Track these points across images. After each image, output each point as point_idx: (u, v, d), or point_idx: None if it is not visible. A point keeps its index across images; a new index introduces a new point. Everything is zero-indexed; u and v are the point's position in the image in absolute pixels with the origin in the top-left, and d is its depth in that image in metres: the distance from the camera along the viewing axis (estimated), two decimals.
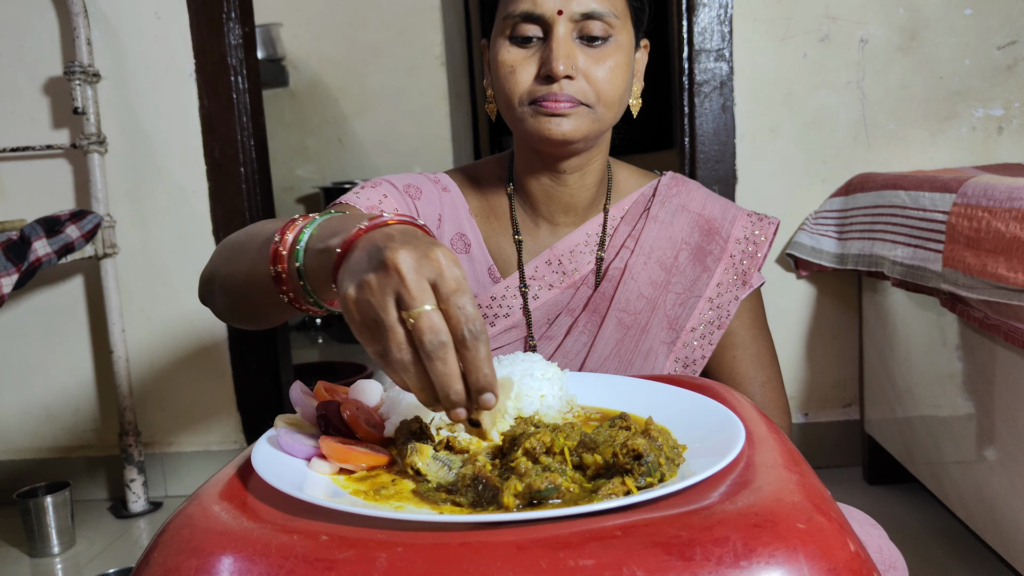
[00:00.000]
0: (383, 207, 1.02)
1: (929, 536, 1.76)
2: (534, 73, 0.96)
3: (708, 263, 1.11)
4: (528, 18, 0.96)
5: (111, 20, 2.13)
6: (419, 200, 1.08)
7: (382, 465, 0.67)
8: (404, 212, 1.00)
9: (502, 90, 0.99)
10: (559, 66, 0.93)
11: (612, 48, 0.97)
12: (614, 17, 0.97)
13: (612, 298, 1.09)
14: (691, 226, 1.12)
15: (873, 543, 0.86)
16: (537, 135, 0.98)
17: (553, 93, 0.95)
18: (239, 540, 0.54)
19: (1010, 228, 1.24)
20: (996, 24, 1.96)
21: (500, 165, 1.16)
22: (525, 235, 1.12)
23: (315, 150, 4.04)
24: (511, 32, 0.97)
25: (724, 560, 0.49)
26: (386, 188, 1.05)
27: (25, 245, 1.82)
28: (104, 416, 2.29)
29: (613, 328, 1.09)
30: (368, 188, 1.05)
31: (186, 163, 2.17)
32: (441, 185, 1.12)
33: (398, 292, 0.59)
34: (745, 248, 1.12)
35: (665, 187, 1.14)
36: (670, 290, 1.10)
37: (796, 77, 2.01)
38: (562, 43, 0.94)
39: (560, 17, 0.94)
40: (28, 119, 2.18)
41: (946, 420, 1.61)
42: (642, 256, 1.10)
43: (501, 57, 0.98)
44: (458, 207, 1.12)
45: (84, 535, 2.06)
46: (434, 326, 0.58)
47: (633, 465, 0.60)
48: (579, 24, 0.96)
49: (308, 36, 3.91)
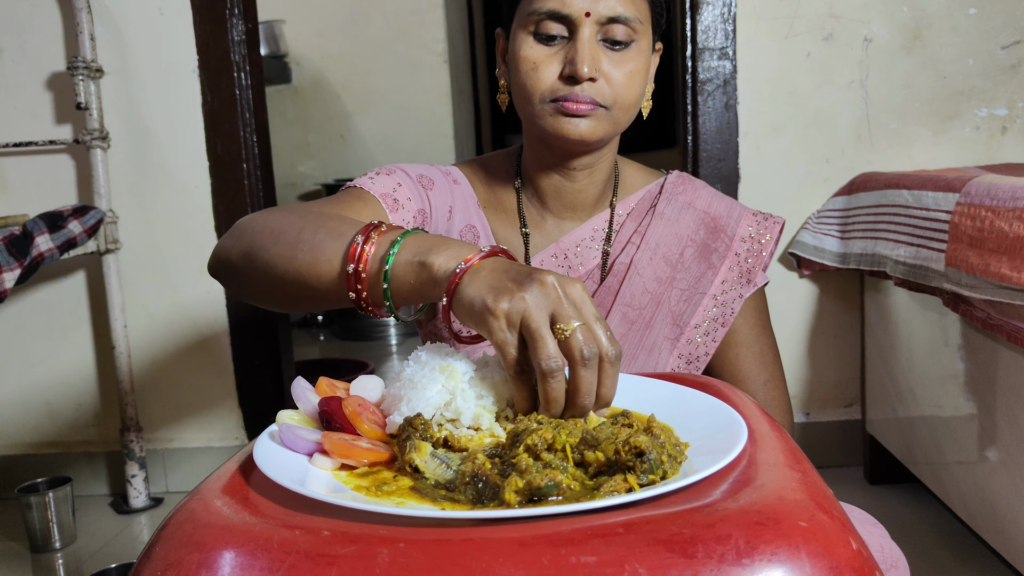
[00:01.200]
0: (397, 195, 1.02)
1: (930, 536, 1.75)
2: (557, 72, 0.97)
3: (713, 260, 1.11)
4: (554, 16, 0.96)
5: (115, 16, 2.13)
6: (431, 191, 1.08)
7: (384, 461, 0.67)
8: (416, 200, 1.04)
9: (522, 85, 0.99)
10: (584, 68, 0.94)
11: (634, 53, 0.98)
12: (638, 22, 0.97)
13: (617, 293, 1.10)
14: (697, 223, 1.13)
15: (875, 542, 0.86)
16: (555, 133, 0.98)
17: (575, 94, 0.96)
18: (241, 535, 0.54)
19: (1013, 228, 1.24)
20: (1000, 24, 1.96)
21: (509, 159, 1.16)
22: (532, 229, 1.13)
23: (317, 147, 4.04)
24: (535, 28, 0.98)
25: (726, 558, 0.49)
26: (400, 176, 1.05)
27: (27, 240, 1.82)
28: (105, 411, 2.29)
29: (618, 323, 1.09)
30: (383, 175, 1.05)
31: (189, 159, 2.17)
32: (452, 178, 1.13)
33: (553, 309, 0.66)
34: (750, 247, 1.12)
35: (672, 185, 1.15)
36: (675, 286, 1.11)
37: (799, 76, 2.01)
38: (588, 45, 0.95)
39: (587, 19, 0.95)
40: (31, 114, 2.18)
41: (948, 420, 1.61)
42: (648, 252, 1.11)
43: (524, 52, 0.99)
44: (467, 199, 1.13)
45: (85, 530, 2.07)
46: (591, 339, 0.66)
47: (635, 462, 0.60)
48: (604, 27, 0.96)
49: (311, 33, 3.91)
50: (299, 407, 0.76)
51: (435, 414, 0.71)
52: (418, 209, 1.05)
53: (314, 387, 0.78)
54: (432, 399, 0.71)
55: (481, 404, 0.71)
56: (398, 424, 0.70)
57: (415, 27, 3.84)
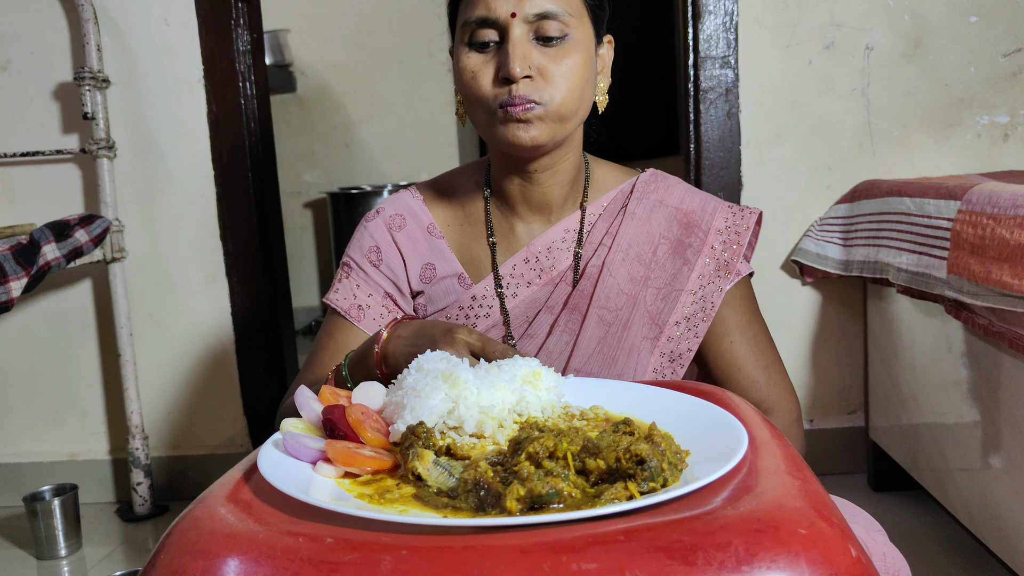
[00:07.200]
0: (359, 299, 1.13)
1: (933, 543, 1.75)
2: (493, 76, 0.98)
3: (688, 256, 1.11)
4: (484, 23, 0.98)
5: (121, 26, 2.15)
6: (382, 265, 1.14)
7: (386, 469, 0.68)
8: (377, 288, 1.14)
9: (466, 95, 1.02)
10: (515, 67, 0.95)
11: (569, 46, 0.99)
12: (569, 16, 0.98)
13: (592, 296, 1.10)
14: (669, 220, 1.13)
15: (878, 550, 0.86)
16: (505, 140, 1.00)
17: (512, 95, 0.96)
18: (245, 542, 0.55)
19: (1015, 235, 1.24)
20: (1001, 32, 1.96)
21: (478, 170, 1.18)
22: (501, 236, 1.14)
23: (322, 155, 4.06)
24: (470, 38, 1.00)
25: (726, 565, 0.50)
26: (356, 275, 1.15)
27: (34, 249, 1.83)
28: (111, 419, 2.30)
29: (595, 326, 1.09)
30: (342, 279, 1.16)
31: (194, 168, 2.19)
32: (396, 224, 1.15)
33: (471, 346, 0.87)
34: (727, 239, 1.12)
35: (644, 183, 1.15)
36: (650, 285, 1.10)
37: (801, 84, 2.02)
38: (517, 45, 0.96)
39: (514, 20, 0.96)
40: (38, 124, 2.20)
41: (951, 427, 1.60)
42: (620, 253, 1.11)
43: (462, 63, 1.01)
44: (417, 237, 1.15)
45: (91, 538, 2.07)
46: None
47: (636, 470, 0.60)
48: (534, 25, 0.97)
49: (316, 42, 3.93)
50: (303, 415, 0.76)
51: (438, 422, 0.72)
52: (383, 295, 1.14)
53: (317, 395, 0.78)
54: (435, 407, 0.72)
55: (484, 412, 0.72)
56: (401, 432, 0.70)
57: (419, 36, 3.86)
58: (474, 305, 1.12)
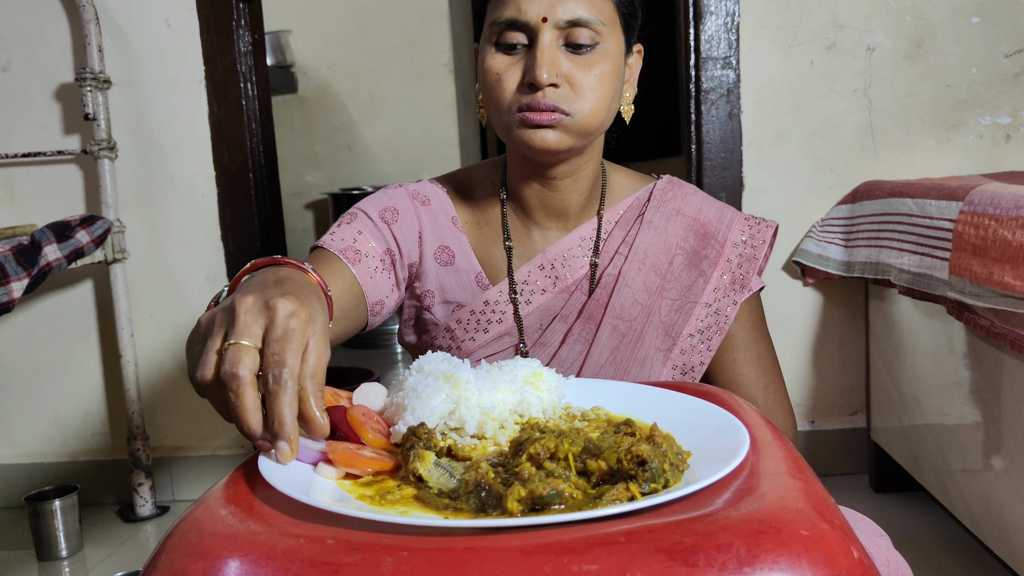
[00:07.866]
0: (359, 245, 1.03)
1: (935, 544, 1.75)
2: (519, 80, 0.96)
3: (704, 268, 1.10)
4: (513, 25, 0.95)
5: (122, 27, 2.15)
6: (396, 224, 1.08)
7: (387, 470, 0.68)
8: (380, 242, 1.05)
9: (488, 96, 0.99)
10: (542, 74, 0.93)
11: (599, 55, 0.96)
12: (601, 24, 0.95)
13: (607, 305, 1.08)
14: (686, 231, 1.11)
15: (881, 555, 0.86)
16: (523, 145, 0.97)
17: (536, 101, 0.94)
18: (246, 543, 0.55)
19: (1016, 236, 1.24)
20: (1003, 32, 1.96)
21: (494, 170, 1.15)
22: (517, 241, 1.11)
23: (324, 156, 4.06)
24: (497, 39, 0.97)
25: (728, 566, 0.50)
26: (361, 222, 1.06)
27: (36, 250, 1.84)
28: (112, 420, 2.30)
29: (608, 336, 1.08)
30: (344, 225, 1.06)
31: (196, 169, 2.19)
32: (421, 199, 1.11)
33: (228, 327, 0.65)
34: (743, 252, 1.10)
35: (660, 191, 1.13)
36: (665, 296, 1.09)
37: (803, 85, 2.02)
38: (546, 51, 0.93)
39: (545, 24, 0.94)
40: (39, 125, 2.20)
41: (953, 428, 1.60)
42: (636, 262, 1.09)
43: (487, 64, 0.98)
44: (440, 219, 1.11)
45: (92, 539, 2.07)
46: (234, 357, 0.62)
47: (637, 471, 0.60)
48: (565, 31, 0.95)
49: (317, 43, 3.93)
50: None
51: (439, 423, 0.72)
52: (384, 251, 1.06)
53: None
54: (436, 408, 0.71)
55: (485, 413, 0.72)
56: (402, 433, 0.70)
57: (420, 37, 3.86)
58: (486, 310, 1.10)
